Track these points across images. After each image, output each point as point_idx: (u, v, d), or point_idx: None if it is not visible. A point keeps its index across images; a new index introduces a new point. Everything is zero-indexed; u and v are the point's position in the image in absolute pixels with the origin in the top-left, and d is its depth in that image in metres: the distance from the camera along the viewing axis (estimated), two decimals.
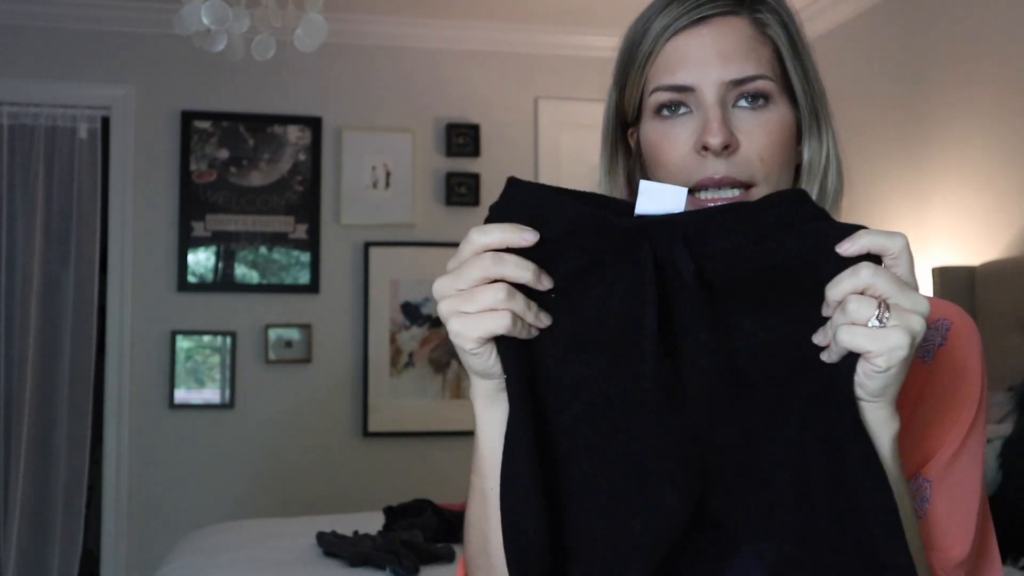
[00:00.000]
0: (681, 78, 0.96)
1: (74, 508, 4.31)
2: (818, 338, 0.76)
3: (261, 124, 4.45)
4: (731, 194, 0.95)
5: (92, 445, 4.38)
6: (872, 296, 0.73)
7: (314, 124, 4.49)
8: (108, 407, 4.29)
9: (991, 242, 3.30)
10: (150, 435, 4.30)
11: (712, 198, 0.95)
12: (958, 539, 0.92)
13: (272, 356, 4.36)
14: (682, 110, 0.97)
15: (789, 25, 0.99)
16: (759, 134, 0.95)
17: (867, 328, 0.72)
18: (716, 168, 0.94)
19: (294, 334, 4.39)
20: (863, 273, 0.73)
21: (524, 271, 0.77)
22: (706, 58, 0.96)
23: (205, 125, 4.41)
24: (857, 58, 3.98)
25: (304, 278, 4.43)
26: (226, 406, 4.36)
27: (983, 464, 0.96)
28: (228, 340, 4.37)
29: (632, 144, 1.05)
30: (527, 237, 0.77)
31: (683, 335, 0.78)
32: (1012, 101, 3.25)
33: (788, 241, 0.76)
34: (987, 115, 3.35)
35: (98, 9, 4.30)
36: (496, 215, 0.81)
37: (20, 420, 4.23)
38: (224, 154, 4.42)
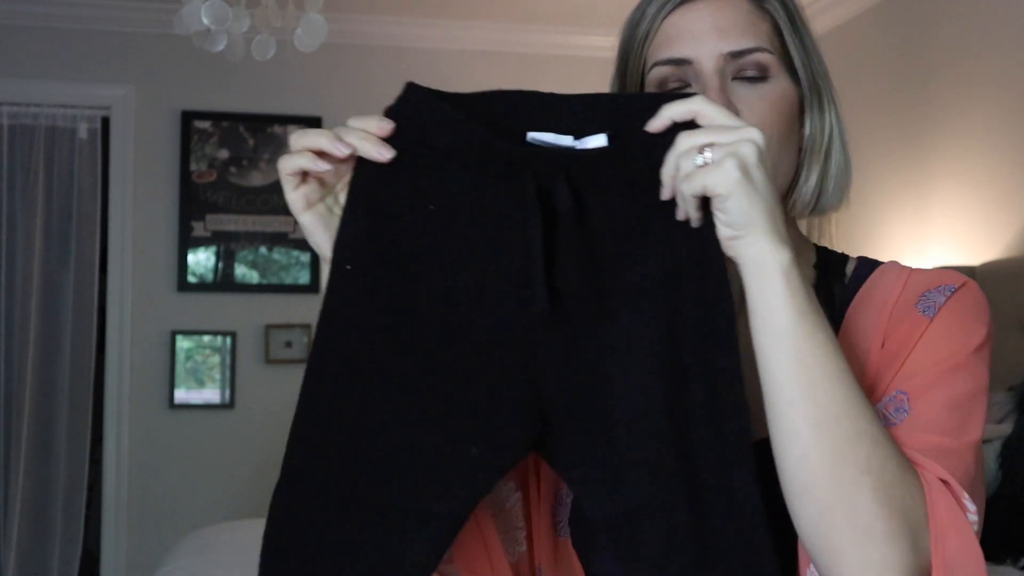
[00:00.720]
0: (678, 51, 0.96)
1: (74, 508, 4.31)
2: (679, 214, 0.79)
3: (261, 124, 4.45)
4: None
5: (92, 445, 4.39)
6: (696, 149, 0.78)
7: (314, 124, 4.49)
8: (108, 407, 4.29)
9: (991, 242, 3.30)
10: (150, 435, 4.30)
11: None
12: (941, 430, 0.85)
13: (272, 356, 4.36)
14: (679, 85, 0.97)
15: (788, 2, 0.99)
16: (759, 106, 0.94)
17: (698, 169, 0.77)
18: None
19: (294, 334, 4.38)
20: (678, 140, 0.78)
21: (364, 141, 0.82)
22: (703, 32, 0.95)
23: (205, 125, 4.41)
24: (857, 58, 3.98)
25: (304, 278, 4.43)
26: (226, 406, 4.36)
27: (985, 404, 0.89)
28: (228, 340, 4.36)
29: None
30: (384, 153, 0.82)
31: (556, 265, 0.80)
32: (1012, 101, 3.25)
33: (658, 185, 0.80)
34: (987, 115, 3.35)
35: (98, 9, 4.30)
36: (389, 117, 0.83)
37: (20, 420, 4.23)
38: (224, 154, 4.41)
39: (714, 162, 0.76)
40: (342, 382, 0.81)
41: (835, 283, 1.00)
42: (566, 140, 0.81)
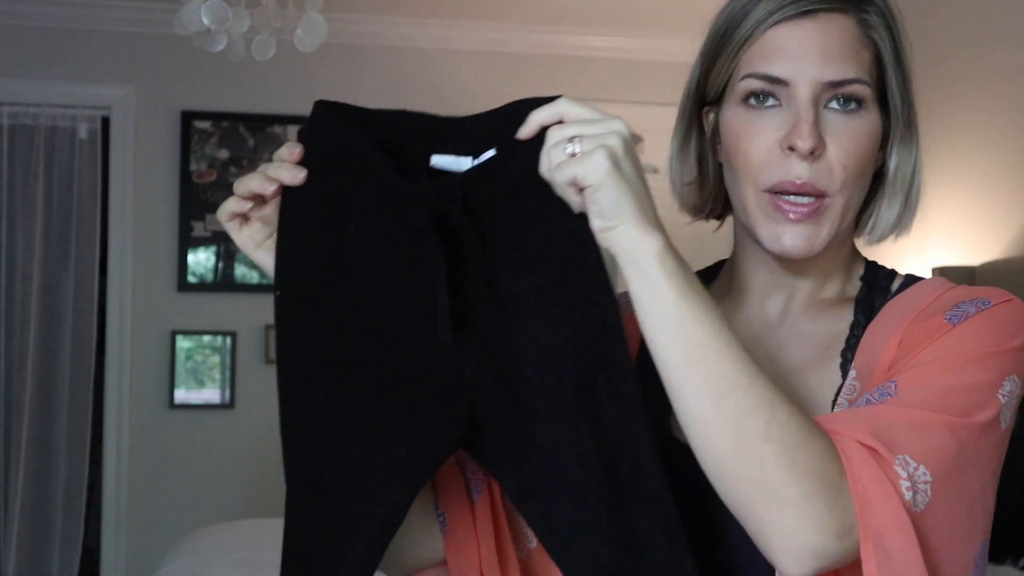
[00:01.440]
0: (778, 70, 0.93)
1: (74, 508, 4.31)
2: (573, 206, 0.82)
3: (261, 124, 4.45)
4: (807, 201, 0.93)
5: (92, 445, 4.38)
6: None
7: None
8: (108, 407, 4.29)
9: (991, 242, 3.30)
10: (150, 435, 4.29)
11: (791, 202, 0.93)
12: (925, 407, 0.83)
13: (272, 356, 4.35)
14: (771, 102, 0.94)
15: (894, 29, 0.96)
16: (847, 141, 0.92)
17: (569, 159, 0.79)
18: (799, 172, 0.92)
19: None
20: (548, 135, 0.82)
21: (282, 170, 0.87)
22: (806, 53, 0.92)
23: (205, 125, 4.41)
24: None
25: None
26: (226, 406, 4.36)
27: (997, 403, 0.86)
28: (228, 340, 4.36)
29: (707, 124, 1.03)
30: (296, 176, 0.87)
31: (463, 283, 0.85)
32: (1012, 100, 3.25)
33: (539, 189, 0.83)
34: (987, 114, 3.35)
35: (98, 9, 4.30)
36: (303, 140, 0.87)
37: (20, 420, 4.23)
38: (224, 154, 4.41)
39: (583, 153, 0.79)
40: (297, 398, 0.88)
41: (878, 297, 1.00)
42: (466, 161, 0.85)
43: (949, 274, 3.25)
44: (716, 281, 1.09)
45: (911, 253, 3.61)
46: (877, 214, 1.00)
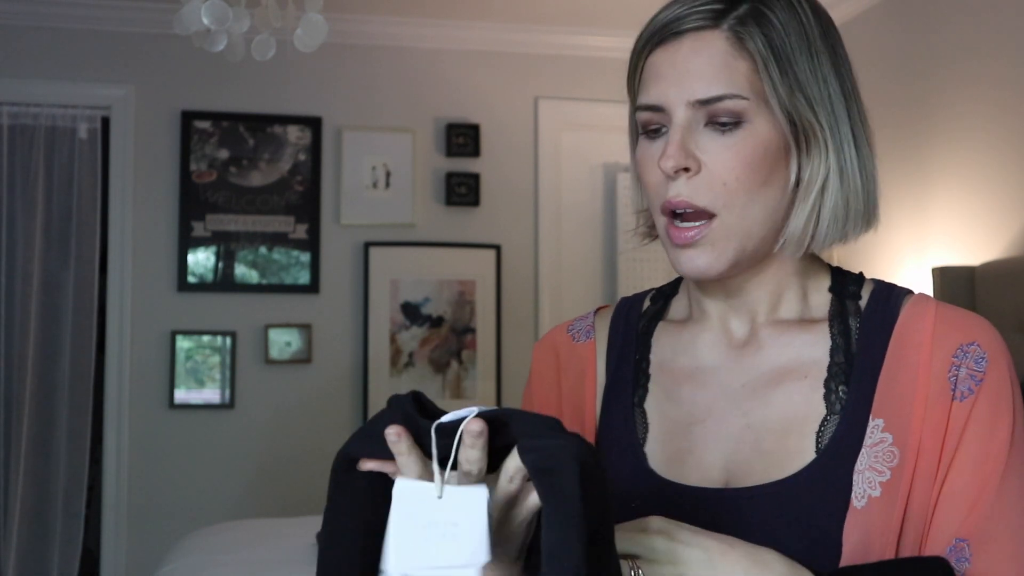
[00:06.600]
0: (652, 97, 0.95)
1: (74, 508, 4.31)
2: None
3: (261, 124, 4.45)
4: (692, 225, 0.93)
5: (92, 445, 4.38)
6: None
7: (314, 124, 4.49)
8: (108, 407, 4.29)
9: (991, 242, 3.30)
10: (150, 435, 4.30)
11: (677, 227, 0.94)
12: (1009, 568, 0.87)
13: (272, 356, 4.36)
14: (658, 128, 0.96)
15: (776, 38, 0.93)
16: (726, 157, 0.92)
17: None
18: (676, 190, 0.93)
19: (294, 334, 4.38)
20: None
21: None
22: (674, 76, 0.93)
23: (205, 125, 4.41)
24: (857, 57, 3.96)
25: (304, 278, 4.43)
26: (226, 406, 4.36)
27: None
28: (228, 340, 4.36)
29: None
30: None
31: None
32: (1013, 101, 3.25)
33: None
34: (988, 115, 3.35)
35: (98, 9, 4.30)
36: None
37: (20, 420, 4.23)
38: (224, 154, 4.41)
39: None
40: None
41: (851, 313, 0.98)
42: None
43: (949, 274, 3.24)
44: (677, 296, 1.09)
45: (911, 253, 3.61)
46: (787, 225, 0.97)
